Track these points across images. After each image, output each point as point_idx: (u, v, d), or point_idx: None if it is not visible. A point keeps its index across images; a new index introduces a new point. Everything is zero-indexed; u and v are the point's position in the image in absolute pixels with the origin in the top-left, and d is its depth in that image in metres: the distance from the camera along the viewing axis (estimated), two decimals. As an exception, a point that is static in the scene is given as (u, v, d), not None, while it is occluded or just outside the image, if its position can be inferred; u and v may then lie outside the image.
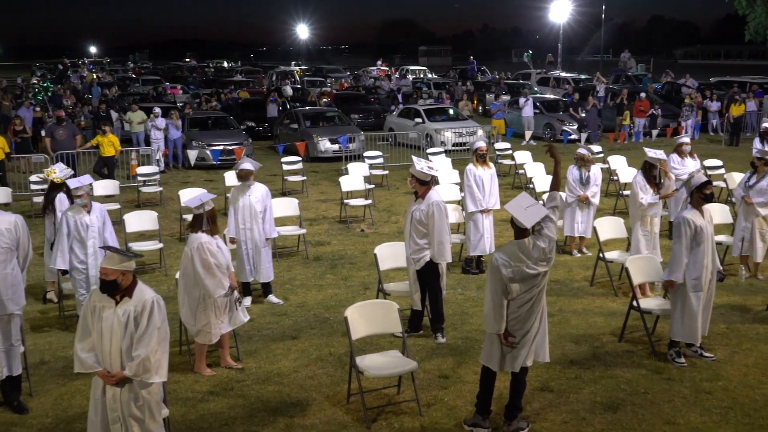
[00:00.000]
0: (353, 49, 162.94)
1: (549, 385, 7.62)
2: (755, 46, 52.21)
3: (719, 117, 27.88)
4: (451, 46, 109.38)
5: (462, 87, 37.62)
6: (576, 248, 12.49)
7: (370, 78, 47.72)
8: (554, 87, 36.95)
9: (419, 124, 24.66)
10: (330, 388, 7.69)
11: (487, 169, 11.43)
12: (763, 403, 7.22)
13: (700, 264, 7.97)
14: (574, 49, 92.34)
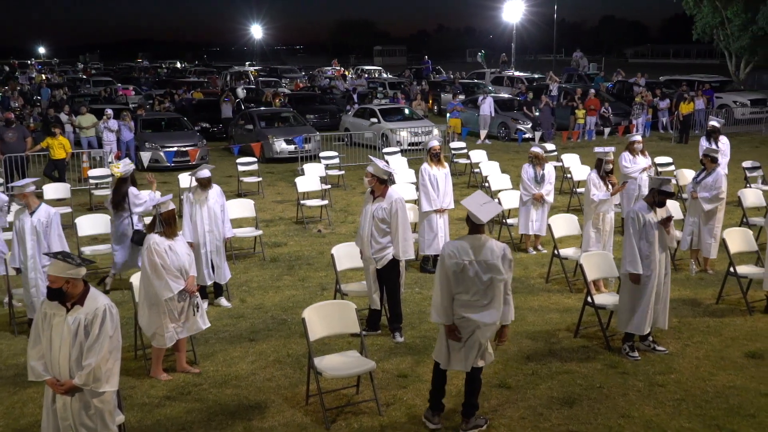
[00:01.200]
0: (308, 49, 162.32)
1: (506, 382, 7.69)
2: (703, 45, 53.29)
3: (669, 115, 28.45)
4: (405, 46, 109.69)
5: (417, 87, 37.75)
6: (531, 246, 12.63)
7: (325, 78, 47.60)
8: (508, 86, 37.29)
9: (375, 124, 24.68)
10: (288, 390, 7.66)
11: (442, 168, 11.48)
12: (714, 394, 7.39)
13: (651, 259, 8.12)
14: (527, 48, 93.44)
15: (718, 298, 10.07)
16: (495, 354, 8.31)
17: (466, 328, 6.53)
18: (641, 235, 8.13)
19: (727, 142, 14.73)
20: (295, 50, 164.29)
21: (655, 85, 32.05)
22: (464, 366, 6.63)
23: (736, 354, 8.34)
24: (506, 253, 6.50)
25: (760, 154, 19.79)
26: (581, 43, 68.82)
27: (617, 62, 71.24)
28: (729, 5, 39.31)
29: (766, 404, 7.15)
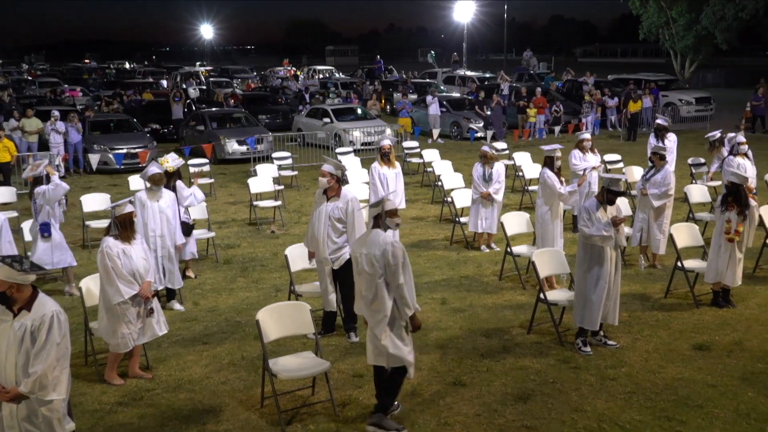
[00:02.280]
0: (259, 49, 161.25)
1: (461, 379, 7.75)
2: (649, 44, 54.35)
3: (617, 113, 28.96)
4: (357, 46, 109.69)
5: (369, 86, 37.78)
6: (485, 244, 12.74)
7: (277, 78, 47.35)
8: (460, 86, 37.54)
9: (328, 124, 24.64)
10: (243, 393, 7.60)
11: (392, 168, 11.51)
12: (663, 386, 7.54)
13: (602, 256, 8.26)
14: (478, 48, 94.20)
15: (666, 292, 10.29)
16: (450, 352, 8.39)
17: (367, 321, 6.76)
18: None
19: (674, 140, 15.04)
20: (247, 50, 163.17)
21: (604, 84, 32.58)
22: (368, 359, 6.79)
23: (684, 346, 8.53)
24: (386, 251, 6.53)
25: (705, 151, 20.23)
26: (531, 42, 69.61)
27: (567, 61, 72.18)
28: (674, 5, 40.21)
29: (713, 395, 7.33)
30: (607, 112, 29.25)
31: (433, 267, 11.83)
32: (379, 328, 6.59)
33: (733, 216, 9.45)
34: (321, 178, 8.84)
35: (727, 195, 9.63)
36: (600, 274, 8.28)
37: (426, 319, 9.54)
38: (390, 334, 6.57)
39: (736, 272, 9.60)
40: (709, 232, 12.08)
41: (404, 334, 6.63)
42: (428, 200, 16.80)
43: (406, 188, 15.72)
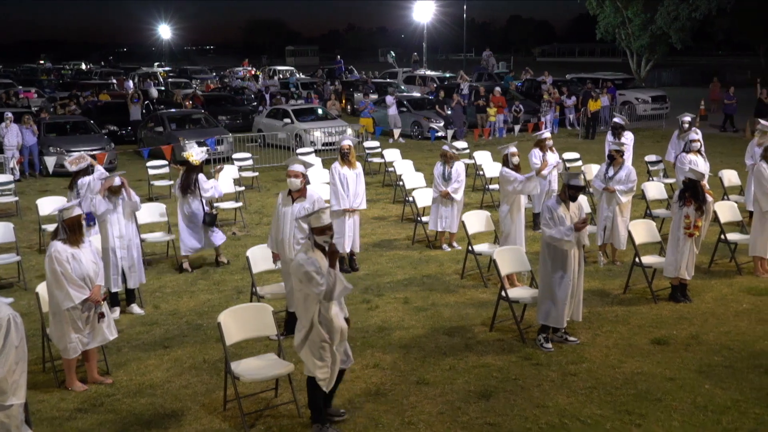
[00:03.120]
0: (219, 50, 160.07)
1: (424, 378, 7.77)
2: (606, 44, 55.13)
3: (575, 112, 29.31)
4: (318, 46, 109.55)
5: (330, 86, 37.72)
6: (446, 243, 12.79)
7: (236, 79, 47.02)
8: (420, 85, 37.67)
9: (288, 125, 24.54)
10: (205, 396, 7.53)
11: (353, 168, 11.49)
12: (623, 381, 7.65)
13: (565, 254, 8.35)
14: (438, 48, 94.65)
15: (625, 288, 10.44)
16: (413, 351, 8.42)
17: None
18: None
19: (631, 138, 15.27)
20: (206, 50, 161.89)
21: (562, 84, 32.95)
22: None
23: (643, 341, 8.67)
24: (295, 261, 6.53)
25: (662, 149, 20.55)
26: (490, 42, 70.13)
27: (525, 61, 72.88)
28: (629, 6, 40.86)
29: (671, 388, 7.46)
30: (565, 111, 29.60)
31: (396, 266, 11.86)
32: (297, 336, 6.60)
33: (691, 211, 9.62)
34: (294, 179, 8.74)
35: (684, 191, 9.81)
36: (564, 273, 8.37)
37: (389, 318, 9.57)
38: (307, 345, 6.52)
39: (692, 266, 9.80)
40: (666, 228, 12.29)
41: (325, 351, 6.50)
42: (390, 200, 16.83)
43: (368, 188, 15.71)
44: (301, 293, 6.47)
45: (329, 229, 6.50)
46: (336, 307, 6.59)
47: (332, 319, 6.50)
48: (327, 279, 6.31)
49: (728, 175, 14.79)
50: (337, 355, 6.60)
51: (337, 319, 6.57)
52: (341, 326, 6.59)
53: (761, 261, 11.04)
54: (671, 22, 39.78)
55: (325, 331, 6.47)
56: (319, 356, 6.49)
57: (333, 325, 6.51)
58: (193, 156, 11.54)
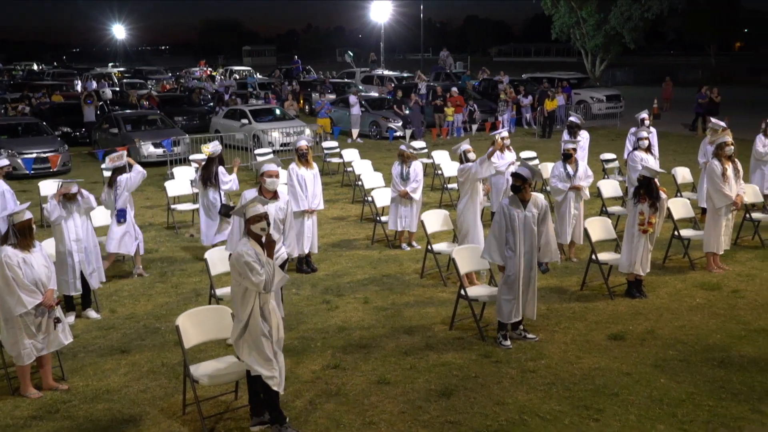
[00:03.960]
0: (174, 50, 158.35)
1: (385, 378, 7.78)
2: (561, 44, 55.82)
3: (531, 111, 29.61)
4: (275, 46, 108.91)
5: (288, 87, 37.55)
6: (405, 242, 12.82)
7: (193, 79, 46.55)
8: (378, 85, 37.70)
9: (246, 125, 24.37)
10: (164, 401, 7.44)
11: (310, 168, 11.47)
12: (581, 376, 7.75)
13: (516, 252, 8.42)
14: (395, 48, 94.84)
15: (582, 284, 10.58)
16: (374, 351, 8.43)
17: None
18: (507, 228, 8.42)
19: (586, 137, 15.48)
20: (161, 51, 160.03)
21: (519, 83, 33.25)
22: None
23: (600, 337, 8.79)
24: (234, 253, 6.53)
25: (617, 147, 20.88)
26: (448, 42, 70.45)
27: (482, 61, 73.46)
28: (584, 6, 41.36)
29: (628, 383, 7.58)
30: (522, 110, 29.88)
31: (355, 266, 11.85)
32: (234, 334, 6.58)
33: (646, 208, 9.78)
34: (274, 179, 8.71)
35: (639, 188, 9.96)
36: (512, 271, 8.46)
37: (349, 318, 9.56)
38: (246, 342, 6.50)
39: (647, 262, 9.98)
40: (621, 225, 12.49)
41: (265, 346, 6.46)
42: (349, 200, 16.82)
43: (327, 189, 15.69)
44: (240, 287, 6.44)
45: (264, 217, 6.49)
46: (273, 301, 6.60)
47: (270, 312, 6.50)
48: (266, 269, 6.31)
49: (681, 172, 15.08)
50: (280, 353, 6.59)
51: (275, 313, 6.58)
52: (279, 321, 6.60)
53: (714, 257, 11.27)
54: (624, 23, 40.39)
55: (264, 324, 6.45)
56: (262, 352, 6.46)
57: (271, 319, 6.50)
58: (208, 149, 12.15)
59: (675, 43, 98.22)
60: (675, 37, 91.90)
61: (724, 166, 11.13)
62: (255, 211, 6.51)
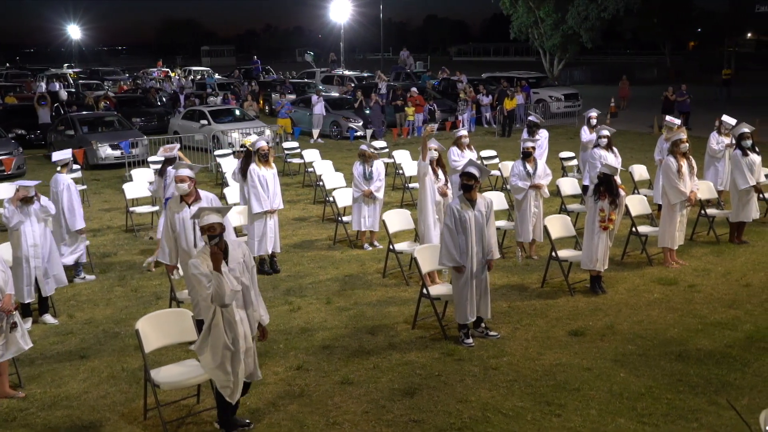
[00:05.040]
0: (132, 50, 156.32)
1: (349, 378, 7.77)
2: (520, 43, 56.30)
3: (491, 110, 29.82)
4: (234, 46, 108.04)
5: (247, 87, 37.31)
6: (367, 242, 12.83)
7: (150, 80, 45.98)
8: (338, 85, 37.65)
9: (205, 126, 24.15)
10: (125, 406, 7.34)
11: (270, 169, 11.43)
12: (542, 372, 7.83)
13: (465, 251, 8.48)
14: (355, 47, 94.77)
15: (542, 281, 10.68)
16: (336, 351, 8.42)
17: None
18: (458, 229, 8.46)
19: (545, 135, 15.64)
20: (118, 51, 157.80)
21: (478, 82, 33.46)
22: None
23: (561, 333, 8.89)
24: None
25: (575, 146, 21.12)
26: (407, 42, 70.59)
27: (442, 60, 73.75)
28: (541, 6, 41.81)
29: (588, 378, 7.67)
30: (482, 109, 30.08)
31: (317, 267, 11.82)
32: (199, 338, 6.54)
33: (606, 205, 9.92)
34: (181, 183, 8.48)
35: (599, 185, 10.09)
36: (464, 271, 8.51)
37: (311, 319, 9.54)
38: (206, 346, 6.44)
39: (606, 258, 10.13)
40: (581, 222, 12.63)
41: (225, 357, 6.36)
42: (310, 200, 16.76)
43: (288, 189, 15.63)
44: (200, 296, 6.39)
45: (209, 229, 6.28)
46: (242, 312, 6.43)
47: (235, 324, 6.35)
48: (213, 282, 6.15)
49: (638, 169, 15.31)
50: (242, 364, 6.45)
51: (242, 324, 6.40)
52: (246, 332, 6.43)
53: (670, 252, 11.47)
54: (581, 22, 40.91)
55: (227, 335, 6.35)
56: (219, 362, 6.38)
57: (236, 331, 6.36)
58: (249, 142, 12.49)
59: (631, 43, 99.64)
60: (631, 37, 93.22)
61: (679, 163, 11.33)
62: (204, 221, 6.34)
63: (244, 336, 6.42)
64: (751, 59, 72.51)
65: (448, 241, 8.45)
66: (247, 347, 6.47)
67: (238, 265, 6.39)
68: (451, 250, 8.44)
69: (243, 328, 6.41)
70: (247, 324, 6.47)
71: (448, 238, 8.46)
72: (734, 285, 10.50)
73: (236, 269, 6.35)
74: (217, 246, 6.27)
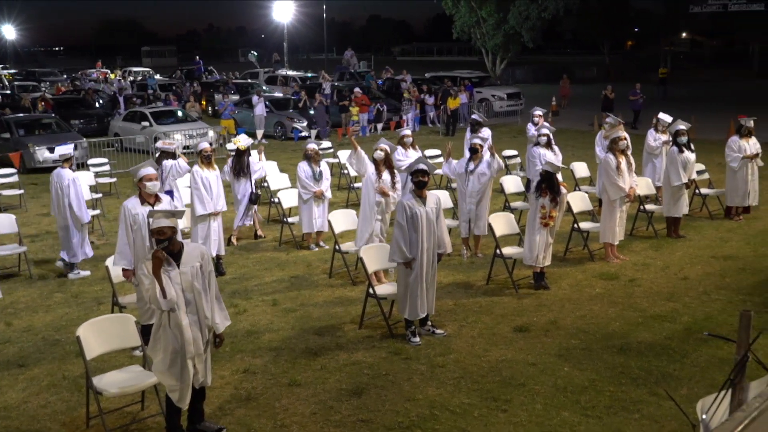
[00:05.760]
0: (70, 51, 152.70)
1: (296, 380, 7.74)
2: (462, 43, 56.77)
3: (435, 110, 30.02)
4: (176, 46, 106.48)
5: (189, 88, 36.83)
6: (313, 242, 12.78)
7: (89, 81, 45.01)
8: (282, 85, 37.44)
9: (147, 128, 23.77)
10: (66, 414, 7.18)
11: (213, 170, 11.33)
12: (488, 369, 7.92)
13: (416, 247, 8.53)
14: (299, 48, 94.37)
15: (487, 279, 10.79)
16: (283, 353, 8.38)
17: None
18: (410, 226, 8.51)
19: (489, 134, 15.81)
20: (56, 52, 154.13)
21: (422, 82, 33.64)
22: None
23: (506, 329, 9.00)
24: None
25: (518, 144, 21.42)
26: (351, 42, 70.57)
27: (386, 60, 73.86)
28: (483, 6, 42.23)
29: (533, 373, 7.78)
30: (426, 108, 30.24)
31: (263, 269, 11.74)
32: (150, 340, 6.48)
33: (547, 202, 10.07)
34: (150, 182, 8.43)
35: (541, 182, 10.24)
36: (415, 267, 8.56)
37: (257, 321, 9.47)
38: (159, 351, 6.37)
39: (548, 254, 10.29)
40: (524, 220, 12.80)
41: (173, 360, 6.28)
42: (255, 202, 16.61)
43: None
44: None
45: (158, 232, 6.18)
46: (191, 317, 6.31)
47: (182, 328, 6.24)
48: (151, 286, 6.06)
49: (579, 167, 15.59)
50: (190, 369, 6.35)
51: (189, 329, 6.28)
52: (195, 337, 6.31)
53: (611, 247, 11.70)
54: (522, 22, 41.45)
55: (176, 339, 6.26)
56: (167, 365, 6.30)
57: (183, 335, 6.25)
58: (240, 142, 12.95)
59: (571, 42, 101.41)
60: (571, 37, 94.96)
61: (618, 160, 11.57)
62: (155, 224, 6.21)
63: (193, 341, 6.32)
64: (686, 58, 74.49)
65: (399, 238, 8.49)
66: (196, 353, 6.36)
67: (192, 269, 6.28)
68: (402, 246, 8.47)
69: (191, 333, 6.30)
70: (196, 329, 6.34)
71: (399, 234, 8.49)
72: (672, 278, 10.78)
73: (188, 272, 6.25)
74: (166, 249, 6.18)
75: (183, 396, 6.37)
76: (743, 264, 11.35)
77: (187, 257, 6.30)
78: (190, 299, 6.28)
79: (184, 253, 6.32)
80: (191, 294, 6.27)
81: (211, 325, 6.50)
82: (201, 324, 6.36)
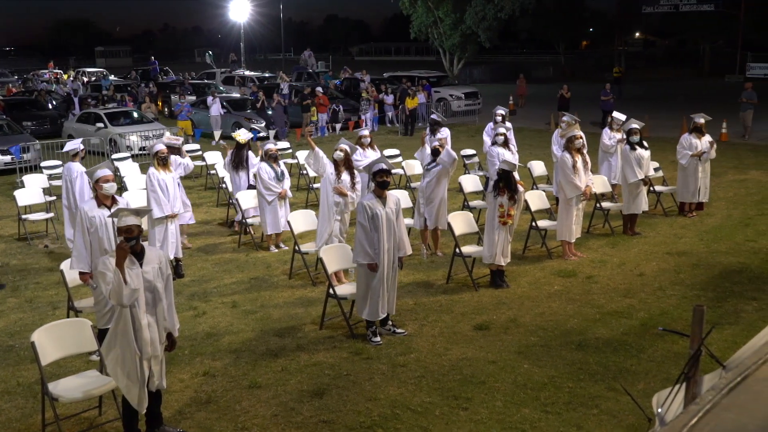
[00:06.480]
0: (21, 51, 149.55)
1: (257, 381, 7.69)
2: (420, 43, 57.03)
3: (394, 109, 30.06)
4: (130, 47, 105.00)
5: (145, 88, 36.35)
6: (273, 244, 12.71)
7: (42, 82, 44.15)
8: (240, 86, 37.16)
9: (101, 129, 23.41)
10: (21, 422, 7.04)
11: (169, 172, 11.20)
12: (449, 367, 7.96)
13: (379, 248, 8.54)
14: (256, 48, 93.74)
15: (447, 278, 10.85)
16: (244, 355, 8.32)
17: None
18: (370, 226, 8.52)
19: (447, 133, 15.87)
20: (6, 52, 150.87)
21: (380, 82, 33.67)
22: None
23: (466, 328, 9.05)
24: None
25: (476, 143, 21.54)
26: (309, 42, 70.41)
27: (344, 60, 73.84)
28: (440, 6, 42.45)
29: (493, 370, 7.84)
30: (385, 108, 30.28)
31: (222, 271, 11.64)
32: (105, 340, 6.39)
33: (505, 201, 10.16)
34: (106, 184, 8.24)
35: (498, 181, 10.32)
36: (378, 266, 8.57)
37: (217, 324, 9.39)
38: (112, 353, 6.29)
39: (507, 252, 10.38)
40: (482, 218, 12.88)
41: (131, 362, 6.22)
42: (213, 203, 16.49)
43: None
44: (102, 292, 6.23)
45: (126, 230, 6.17)
46: (150, 318, 6.28)
47: (141, 329, 6.19)
48: (113, 278, 5.99)
49: (536, 165, 15.75)
50: (146, 370, 6.29)
51: (147, 330, 6.23)
52: (152, 338, 6.28)
53: (568, 245, 11.85)
54: (479, 22, 41.76)
55: (134, 341, 6.19)
56: (124, 367, 6.23)
57: (141, 336, 6.20)
58: (240, 136, 13.47)
59: (527, 42, 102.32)
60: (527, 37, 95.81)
61: (574, 158, 11.72)
62: (122, 222, 6.20)
63: (150, 342, 6.27)
64: (639, 58, 75.71)
65: (362, 239, 8.49)
66: (153, 354, 6.31)
67: (153, 269, 6.29)
68: (365, 247, 8.48)
69: (149, 334, 6.26)
70: (155, 330, 6.31)
71: (361, 235, 8.49)
72: (629, 275, 10.95)
73: (150, 272, 6.26)
74: (133, 248, 6.17)
75: (140, 398, 6.30)
76: (697, 260, 11.58)
77: (147, 257, 6.32)
78: (149, 300, 6.27)
79: (146, 254, 6.31)
80: (151, 294, 6.27)
81: (169, 328, 6.47)
82: (159, 326, 6.34)
